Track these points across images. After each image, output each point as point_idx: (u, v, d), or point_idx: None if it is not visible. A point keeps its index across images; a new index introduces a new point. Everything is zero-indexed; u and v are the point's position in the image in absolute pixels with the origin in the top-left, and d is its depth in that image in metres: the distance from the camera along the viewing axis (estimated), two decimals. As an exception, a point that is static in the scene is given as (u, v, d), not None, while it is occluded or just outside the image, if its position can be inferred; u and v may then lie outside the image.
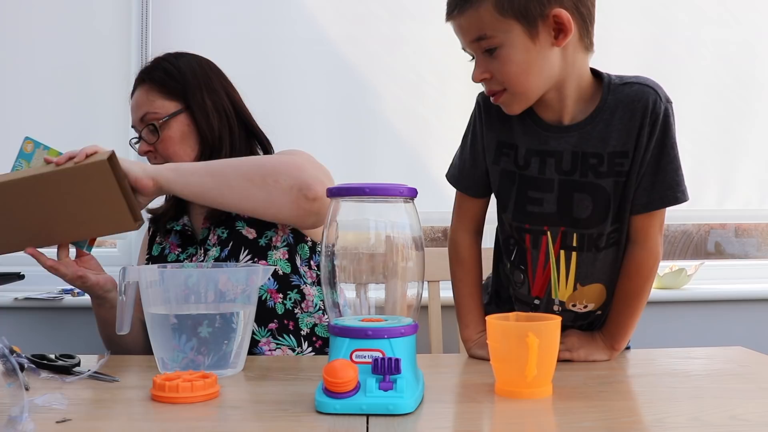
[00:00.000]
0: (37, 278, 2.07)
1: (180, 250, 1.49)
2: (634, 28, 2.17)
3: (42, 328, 2.00)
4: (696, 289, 2.13)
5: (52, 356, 1.10)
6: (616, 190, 1.12)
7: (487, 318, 0.96)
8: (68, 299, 2.00)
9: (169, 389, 0.90)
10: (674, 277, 2.12)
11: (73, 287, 2.06)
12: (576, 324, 1.23)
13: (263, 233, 1.42)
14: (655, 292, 2.09)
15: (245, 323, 1.08)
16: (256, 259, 1.39)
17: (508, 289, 1.28)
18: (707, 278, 2.20)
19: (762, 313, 2.11)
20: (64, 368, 1.06)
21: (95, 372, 1.04)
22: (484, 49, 1.07)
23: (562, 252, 1.16)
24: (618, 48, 2.15)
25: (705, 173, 2.19)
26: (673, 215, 2.22)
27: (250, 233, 1.42)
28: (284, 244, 1.42)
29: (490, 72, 1.08)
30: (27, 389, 0.93)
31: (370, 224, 0.95)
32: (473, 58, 1.11)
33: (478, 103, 1.21)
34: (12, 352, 0.80)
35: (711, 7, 2.19)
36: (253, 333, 1.33)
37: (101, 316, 1.44)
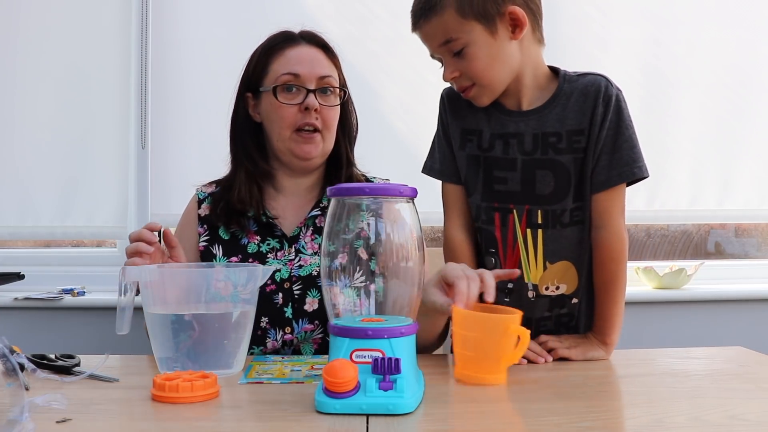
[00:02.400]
0: (37, 278, 2.08)
1: (259, 239, 1.39)
2: (634, 28, 2.17)
3: (42, 328, 2.00)
4: (696, 289, 2.13)
5: (52, 356, 1.11)
6: (575, 166, 1.20)
7: (453, 307, 1.00)
8: (68, 299, 2.00)
9: (169, 389, 0.90)
10: (674, 277, 2.12)
11: (73, 287, 2.07)
12: (554, 313, 1.25)
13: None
14: (655, 292, 2.10)
15: (245, 323, 1.08)
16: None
17: None
18: (707, 278, 2.20)
19: (762, 313, 2.11)
20: (64, 368, 1.06)
21: (95, 372, 1.04)
22: (451, 51, 1.17)
23: (528, 231, 1.22)
24: (618, 48, 2.15)
25: (705, 173, 2.19)
26: (673, 215, 2.25)
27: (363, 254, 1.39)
28: None
29: (459, 70, 1.19)
30: (27, 389, 0.93)
31: (371, 224, 0.95)
32: (443, 64, 1.22)
33: (442, 97, 1.31)
34: (12, 352, 0.80)
35: (711, 7, 2.19)
36: None
37: None
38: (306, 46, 1.42)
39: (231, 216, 1.40)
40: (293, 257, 1.38)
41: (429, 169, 1.32)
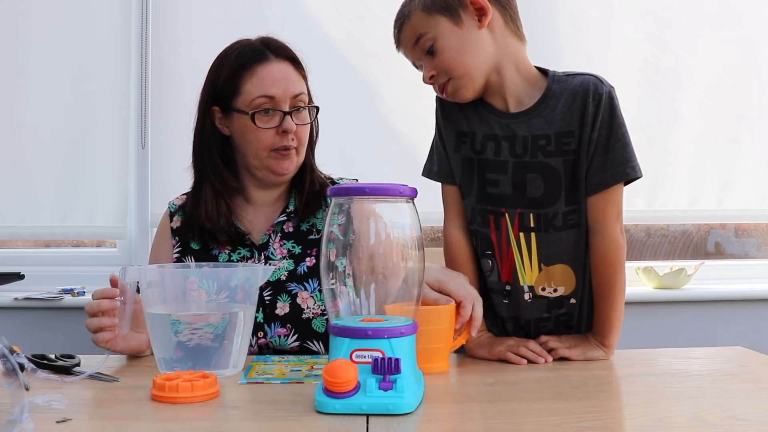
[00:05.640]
0: (37, 278, 2.08)
1: (230, 248, 1.40)
2: (634, 28, 2.18)
3: (42, 328, 2.00)
4: (696, 289, 2.13)
5: (52, 356, 1.11)
6: (566, 169, 1.19)
7: (388, 307, 0.97)
8: (68, 299, 2.00)
9: (169, 389, 0.90)
10: (674, 277, 2.12)
11: (73, 287, 2.07)
12: (552, 314, 1.25)
13: None
14: (655, 292, 2.10)
15: (245, 323, 1.08)
16: None
17: (486, 284, 1.30)
18: (707, 278, 2.20)
19: (762, 313, 2.11)
20: (64, 368, 1.06)
21: (95, 372, 1.04)
22: (424, 51, 1.21)
23: (521, 234, 1.22)
24: (618, 48, 2.15)
25: (705, 173, 2.19)
26: (673, 215, 2.25)
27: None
28: None
29: (434, 68, 1.21)
30: (27, 389, 0.93)
31: (371, 224, 0.95)
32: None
33: (437, 100, 1.31)
34: (12, 352, 0.80)
35: (711, 7, 2.19)
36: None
37: None
38: (276, 62, 1.38)
39: (202, 233, 1.40)
40: (263, 264, 1.38)
41: (428, 171, 1.32)
